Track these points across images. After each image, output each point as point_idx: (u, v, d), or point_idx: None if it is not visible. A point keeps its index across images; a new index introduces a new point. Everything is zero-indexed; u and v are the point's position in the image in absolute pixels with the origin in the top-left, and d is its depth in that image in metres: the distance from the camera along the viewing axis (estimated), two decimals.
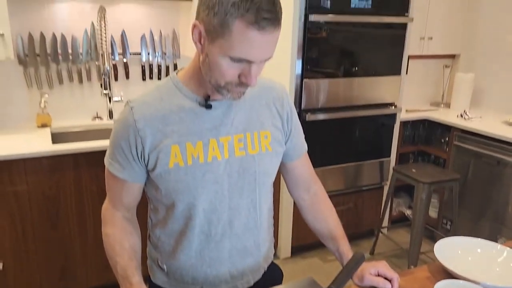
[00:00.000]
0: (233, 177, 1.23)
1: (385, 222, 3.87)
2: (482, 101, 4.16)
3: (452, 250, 1.45)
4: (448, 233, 3.66)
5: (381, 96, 3.50)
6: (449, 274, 1.32)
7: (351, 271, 1.22)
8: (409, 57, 3.62)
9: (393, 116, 3.63)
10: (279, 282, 1.48)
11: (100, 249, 1.29)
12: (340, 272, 1.21)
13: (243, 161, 1.24)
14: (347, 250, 1.39)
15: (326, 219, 1.45)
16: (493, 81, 4.08)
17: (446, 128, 3.75)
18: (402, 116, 3.73)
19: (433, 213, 3.95)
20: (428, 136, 3.99)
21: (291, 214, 3.39)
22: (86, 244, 2.78)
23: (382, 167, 3.70)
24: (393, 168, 3.44)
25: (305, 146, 1.45)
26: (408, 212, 4.14)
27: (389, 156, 3.72)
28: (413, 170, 3.30)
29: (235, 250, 1.30)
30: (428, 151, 3.99)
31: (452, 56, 4.37)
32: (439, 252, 1.42)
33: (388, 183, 3.65)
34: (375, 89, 3.45)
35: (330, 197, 1.50)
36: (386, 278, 1.30)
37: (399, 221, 4.10)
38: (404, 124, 3.83)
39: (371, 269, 1.32)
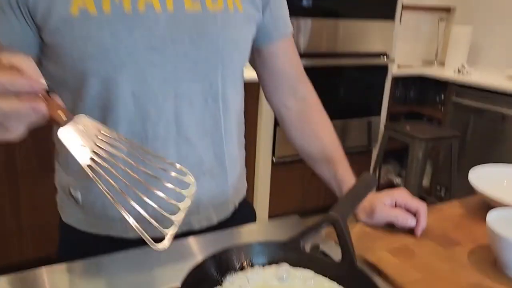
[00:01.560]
0: (182, 44, 0.78)
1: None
2: (479, 58, 3.78)
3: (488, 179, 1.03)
4: (442, 201, 3.30)
5: (372, 44, 3.07)
6: (488, 207, 0.90)
7: (358, 197, 0.78)
8: (402, 6, 3.20)
9: (384, 69, 3.22)
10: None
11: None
12: (343, 198, 0.78)
13: (197, 20, 0.79)
14: (348, 177, 0.95)
15: (318, 134, 1.01)
16: (491, 35, 3.70)
17: (442, 86, 3.37)
18: (394, 71, 3.32)
19: (424, 181, 3.58)
20: (421, 95, 3.61)
21: (268, 184, 2.94)
22: (19, 212, 2.29)
23: (370, 127, 3.29)
24: (384, 126, 3.04)
25: (290, 27, 0.99)
26: (397, 181, 3.77)
27: (379, 114, 3.31)
28: (408, 128, 2.90)
29: (185, 164, 0.85)
30: (420, 111, 3.60)
31: (448, 10, 3.98)
32: (477, 182, 1.00)
33: (378, 145, 3.25)
34: (365, 35, 3.02)
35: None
36: (408, 211, 0.88)
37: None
38: (395, 81, 3.42)
39: (385, 199, 0.89)
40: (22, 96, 0.51)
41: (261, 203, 2.99)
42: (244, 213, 1.01)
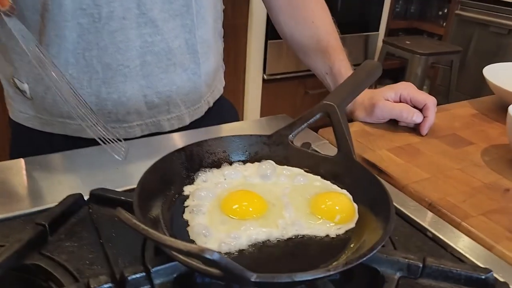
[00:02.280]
0: None
1: None
2: None
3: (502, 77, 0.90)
4: None
5: None
6: (502, 107, 0.78)
7: (358, 84, 0.65)
8: None
9: None
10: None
11: None
12: (340, 85, 0.65)
13: None
14: (346, 71, 0.82)
15: (311, 20, 0.85)
16: None
17: None
18: None
19: None
20: (423, 9, 3.37)
21: (258, 102, 2.79)
22: None
23: (367, 43, 3.09)
24: (382, 40, 2.86)
25: None
26: None
27: (377, 30, 3.10)
28: (407, 42, 2.72)
29: (151, 53, 0.71)
30: (421, 27, 3.38)
31: None
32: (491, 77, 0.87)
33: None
34: None
35: (299, 78, 0.89)
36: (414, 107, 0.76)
37: None
38: None
39: (387, 93, 0.77)
40: None
41: (252, 108, 2.87)
42: (221, 112, 0.88)
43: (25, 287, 0.46)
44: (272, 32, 2.47)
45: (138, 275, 0.41)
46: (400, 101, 0.77)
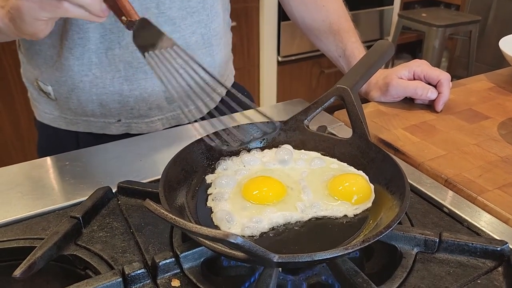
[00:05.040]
0: None
1: None
2: None
3: None
4: None
5: None
6: None
7: (371, 65, 0.66)
8: None
9: None
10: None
11: None
12: (353, 67, 0.65)
13: None
14: (359, 49, 0.82)
15: (323, 4, 0.86)
16: None
17: None
18: None
19: None
20: None
21: (274, 85, 2.79)
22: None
23: (382, 18, 3.04)
24: (398, 14, 2.80)
25: None
26: None
27: (392, 4, 3.03)
28: (423, 15, 2.67)
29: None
30: None
31: None
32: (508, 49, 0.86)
33: (390, 37, 3.03)
34: None
35: (314, 58, 0.90)
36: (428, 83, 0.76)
37: None
38: None
39: (401, 72, 0.77)
40: None
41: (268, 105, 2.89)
42: (235, 100, 0.90)
43: (64, 277, 0.49)
44: (284, 13, 2.45)
45: (168, 261, 0.44)
46: (414, 79, 0.77)
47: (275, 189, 0.51)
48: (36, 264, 0.44)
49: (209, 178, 0.55)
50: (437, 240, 0.46)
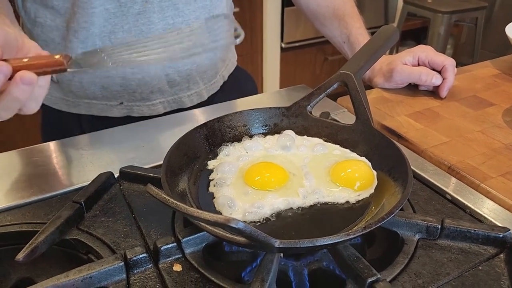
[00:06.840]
0: None
1: None
2: None
3: None
4: None
5: None
6: None
7: (375, 51, 0.65)
8: None
9: None
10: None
11: None
12: (357, 53, 0.64)
13: None
14: (363, 35, 0.81)
15: None
16: None
17: None
18: None
19: None
20: None
21: (277, 71, 2.77)
22: None
23: (387, 4, 3.00)
24: (403, 0, 2.76)
25: None
26: None
27: None
28: (429, 1, 2.63)
29: (172, 35, 0.73)
30: None
31: None
32: None
33: (395, 24, 2.99)
34: None
35: (318, 44, 0.88)
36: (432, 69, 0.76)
37: None
38: None
39: (405, 57, 0.76)
40: None
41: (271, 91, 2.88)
42: (238, 84, 0.90)
43: (67, 261, 0.50)
44: None
45: (170, 245, 0.44)
46: (419, 65, 0.76)
47: (277, 175, 0.51)
48: (39, 248, 0.44)
49: (211, 163, 0.55)
50: (439, 227, 0.46)
